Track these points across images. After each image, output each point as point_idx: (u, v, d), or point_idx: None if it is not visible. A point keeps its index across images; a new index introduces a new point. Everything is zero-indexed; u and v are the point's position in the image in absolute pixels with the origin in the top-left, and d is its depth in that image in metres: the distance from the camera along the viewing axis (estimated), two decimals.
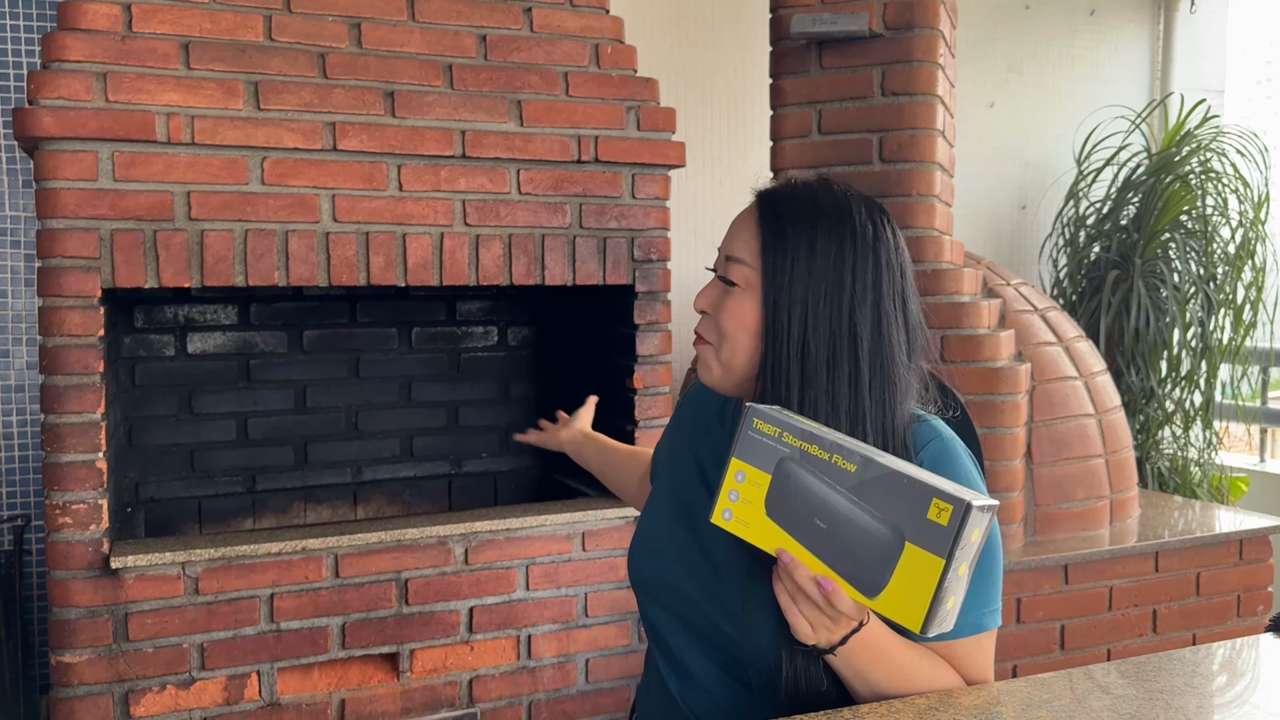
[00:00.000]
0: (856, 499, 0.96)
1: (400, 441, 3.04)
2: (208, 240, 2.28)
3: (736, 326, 1.21)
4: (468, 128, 2.50)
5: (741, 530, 1.00)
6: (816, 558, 0.97)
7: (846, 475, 0.96)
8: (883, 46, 2.77)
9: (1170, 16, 4.71)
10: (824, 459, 0.97)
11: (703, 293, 1.27)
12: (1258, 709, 1.12)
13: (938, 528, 0.92)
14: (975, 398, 2.69)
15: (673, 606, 1.29)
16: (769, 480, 0.99)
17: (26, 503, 3.00)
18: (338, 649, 2.39)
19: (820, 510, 0.97)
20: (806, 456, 0.98)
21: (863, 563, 0.95)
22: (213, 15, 2.34)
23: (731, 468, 1.01)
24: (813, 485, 0.97)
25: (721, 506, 1.02)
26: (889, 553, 0.94)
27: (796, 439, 0.98)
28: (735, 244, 1.24)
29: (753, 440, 1.00)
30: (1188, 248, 4.19)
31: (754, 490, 0.99)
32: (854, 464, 0.96)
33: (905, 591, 0.94)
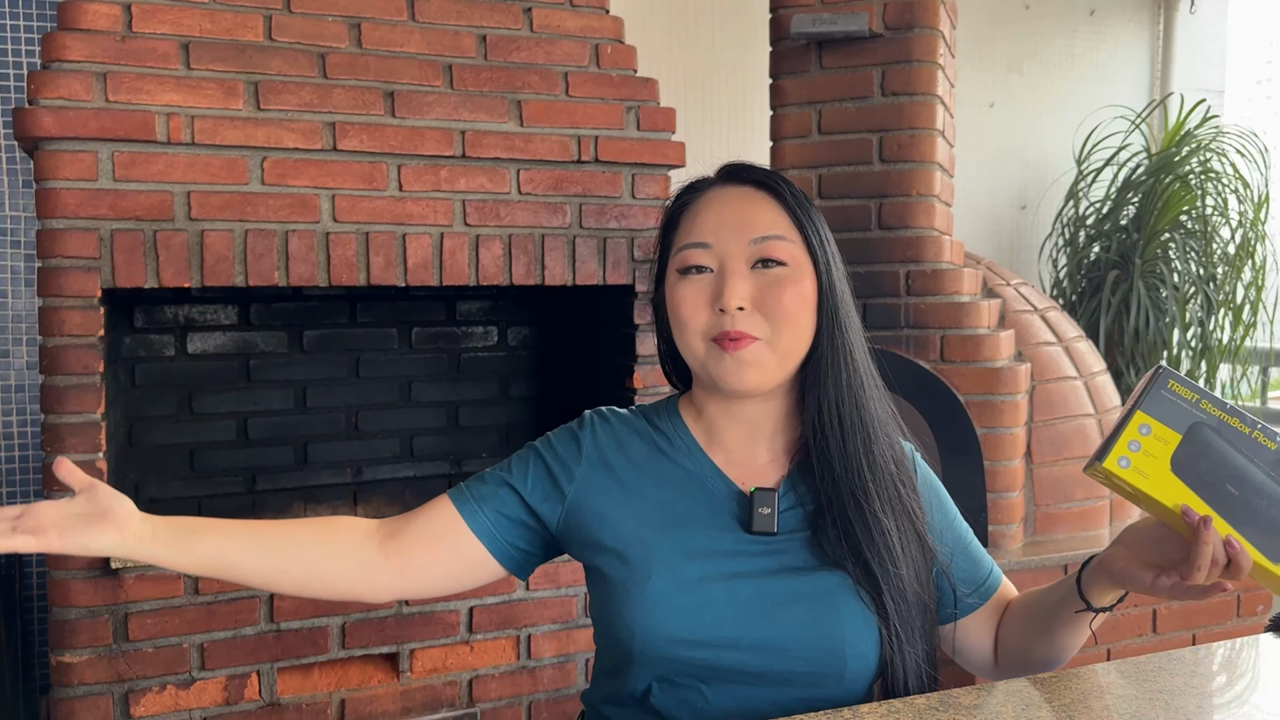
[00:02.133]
0: (1273, 473, 1.01)
1: (400, 441, 3.03)
2: (208, 240, 2.28)
3: (800, 306, 1.15)
4: (468, 128, 2.50)
5: (1137, 479, 1.02)
6: (1223, 519, 1.01)
7: (1266, 451, 1.01)
8: (883, 46, 2.77)
9: (1170, 16, 4.71)
10: (1244, 433, 1.01)
11: (733, 289, 1.14)
12: (1258, 709, 1.12)
13: None
14: (975, 398, 2.69)
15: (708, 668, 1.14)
16: (1178, 439, 1.01)
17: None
18: (338, 649, 2.39)
19: (1234, 478, 1.01)
20: (1225, 427, 1.01)
21: (1271, 533, 1.01)
22: (213, 15, 2.34)
23: (1135, 420, 1.03)
24: (1229, 453, 1.01)
25: (1119, 454, 1.03)
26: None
27: (1217, 409, 1.02)
28: (760, 223, 1.16)
29: (1164, 399, 1.02)
30: (1188, 248, 4.19)
31: (1159, 445, 1.02)
32: (1274, 441, 1.01)
33: None
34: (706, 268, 1.16)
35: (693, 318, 1.16)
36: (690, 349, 1.18)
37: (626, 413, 1.29)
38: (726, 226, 1.17)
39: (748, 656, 1.13)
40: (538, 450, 1.26)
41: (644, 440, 1.25)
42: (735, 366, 1.14)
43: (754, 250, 1.16)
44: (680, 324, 1.17)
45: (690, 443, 1.24)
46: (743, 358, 1.14)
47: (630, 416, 1.28)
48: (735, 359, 1.14)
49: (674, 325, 1.19)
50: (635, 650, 1.13)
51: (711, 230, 1.17)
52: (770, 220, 1.17)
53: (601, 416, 1.28)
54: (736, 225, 1.16)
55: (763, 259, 1.15)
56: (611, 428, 1.26)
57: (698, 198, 1.22)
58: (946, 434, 2.70)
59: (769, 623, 1.13)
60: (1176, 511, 1.02)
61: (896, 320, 2.76)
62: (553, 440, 1.27)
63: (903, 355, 2.74)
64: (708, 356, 1.16)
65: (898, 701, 1.11)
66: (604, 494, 1.21)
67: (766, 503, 1.17)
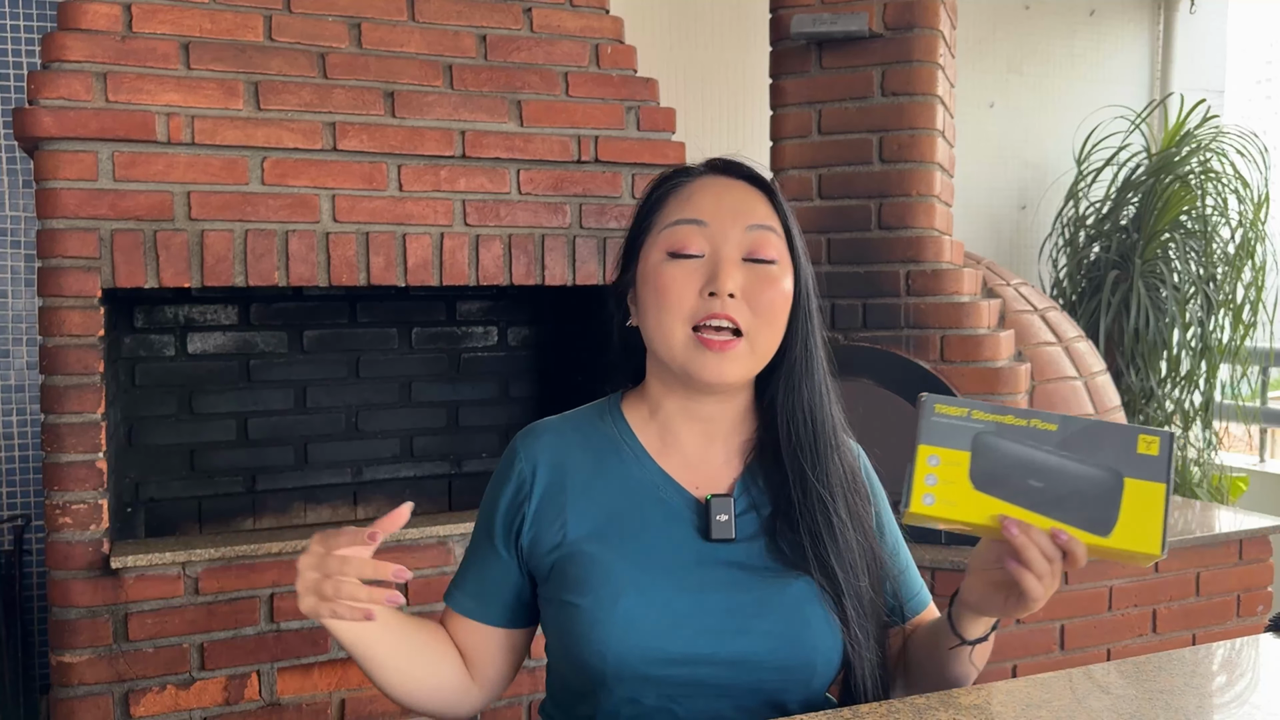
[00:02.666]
0: (1065, 454, 1.01)
1: (400, 441, 3.03)
2: (208, 240, 2.28)
3: (783, 306, 1.15)
4: (468, 128, 2.50)
5: (949, 510, 1.01)
6: (1040, 515, 1.01)
7: (1049, 435, 1.01)
8: (883, 46, 2.77)
9: (1170, 16, 4.71)
10: (1023, 425, 1.01)
11: (728, 274, 1.11)
12: (1258, 709, 1.12)
13: (1150, 459, 1.00)
14: (975, 397, 2.69)
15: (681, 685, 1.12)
16: (968, 456, 1.01)
17: (26, 503, 3.00)
18: (338, 649, 2.39)
19: (1033, 471, 1.01)
20: (1003, 428, 1.01)
21: (1089, 507, 1.00)
22: (213, 15, 2.34)
23: (920, 455, 1.01)
24: (1019, 450, 1.01)
25: (920, 494, 1.01)
26: (1111, 492, 1.00)
27: (988, 414, 1.01)
28: (757, 213, 1.15)
29: (938, 424, 1.02)
30: (1187, 248, 4.19)
31: (954, 470, 1.01)
32: (1054, 423, 1.01)
33: (1136, 523, 1.00)
34: (696, 255, 1.13)
35: (680, 301, 1.12)
36: (668, 334, 1.13)
37: (560, 422, 1.24)
38: (724, 210, 1.15)
39: (721, 671, 1.11)
40: (488, 512, 1.23)
41: (585, 450, 1.20)
42: (717, 362, 1.12)
43: (748, 239, 1.14)
44: (664, 306, 1.13)
45: (638, 449, 1.20)
46: (725, 355, 1.12)
47: (565, 426, 1.23)
48: (718, 355, 1.11)
49: (653, 307, 1.14)
50: (608, 674, 1.10)
51: (710, 210, 1.15)
52: (765, 212, 1.17)
53: (532, 436, 1.23)
54: (734, 210, 1.15)
55: (753, 255, 1.14)
56: (545, 446, 1.21)
57: (689, 181, 1.20)
58: None
59: (743, 637, 1.11)
60: (997, 526, 1.01)
61: (896, 320, 2.76)
62: (496, 492, 1.22)
63: (903, 355, 2.74)
64: (687, 345, 1.12)
65: (897, 702, 1.11)
66: (554, 521, 1.17)
67: (723, 509, 1.15)
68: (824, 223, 2.87)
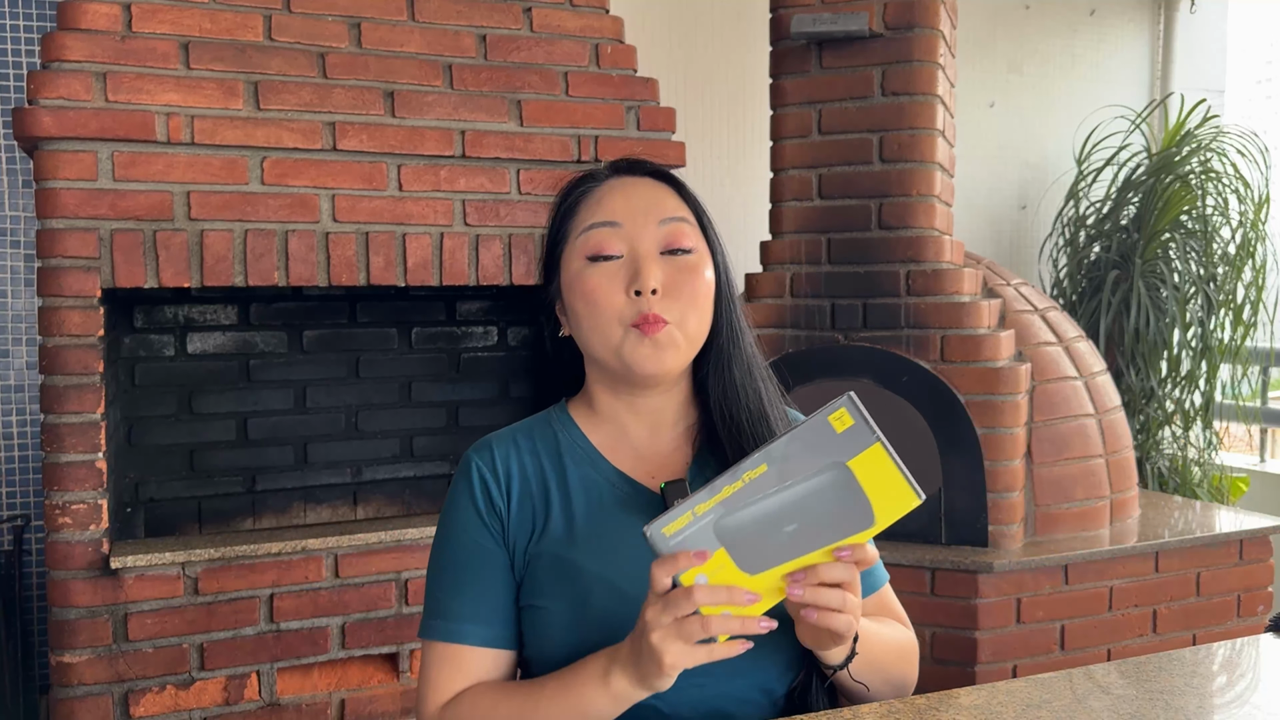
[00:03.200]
0: (789, 483, 0.97)
1: (400, 441, 3.03)
2: (207, 240, 2.28)
3: (706, 293, 1.16)
4: (468, 128, 2.50)
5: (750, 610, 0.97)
6: (815, 550, 0.98)
7: (766, 477, 0.97)
8: (883, 46, 2.77)
9: (1170, 16, 4.71)
10: (741, 487, 0.97)
11: (650, 271, 1.12)
12: (1258, 709, 1.12)
13: (851, 430, 0.98)
14: (975, 398, 2.68)
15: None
16: (725, 553, 0.96)
17: (26, 503, 3.00)
18: (338, 649, 2.39)
19: (781, 519, 0.97)
20: (728, 502, 0.97)
21: (844, 512, 0.98)
22: (212, 15, 2.34)
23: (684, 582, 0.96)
24: (756, 512, 0.97)
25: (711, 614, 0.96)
26: (850, 485, 0.98)
27: (709, 500, 0.97)
28: (667, 206, 1.17)
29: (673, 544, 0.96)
30: (1188, 248, 4.19)
31: (724, 573, 0.96)
32: (763, 464, 0.97)
33: (884, 492, 0.98)
34: (615, 255, 1.14)
35: (609, 303, 1.13)
36: (604, 335, 1.14)
37: (510, 434, 1.23)
38: (636, 209, 1.16)
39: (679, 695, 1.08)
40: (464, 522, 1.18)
41: (535, 457, 1.20)
42: (654, 350, 1.12)
43: (663, 233, 1.15)
44: (595, 310, 1.13)
45: (590, 450, 1.20)
46: (660, 340, 1.12)
47: (516, 437, 1.23)
48: (653, 342, 1.12)
49: (585, 313, 1.15)
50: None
51: (621, 210, 1.16)
52: (675, 205, 1.18)
53: (483, 448, 1.21)
54: (645, 208, 1.16)
55: (670, 247, 1.15)
56: (498, 457, 1.20)
57: (596, 185, 1.20)
58: (946, 434, 2.70)
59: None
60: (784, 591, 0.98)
61: (896, 320, 2.76)
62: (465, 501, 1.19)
63: (903, 355, 2.74)
64: (624, 342, 1.13)
65: (898, 702, 1.11)
66: (521, 526, 1.17)
67: (679, 493, 1.14)
68: (824, 223, 2.86)
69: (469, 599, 1.16)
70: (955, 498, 2.71)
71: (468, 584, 1.17)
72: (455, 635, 1.15)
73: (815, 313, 2.85)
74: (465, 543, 1.18)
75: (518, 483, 1.18)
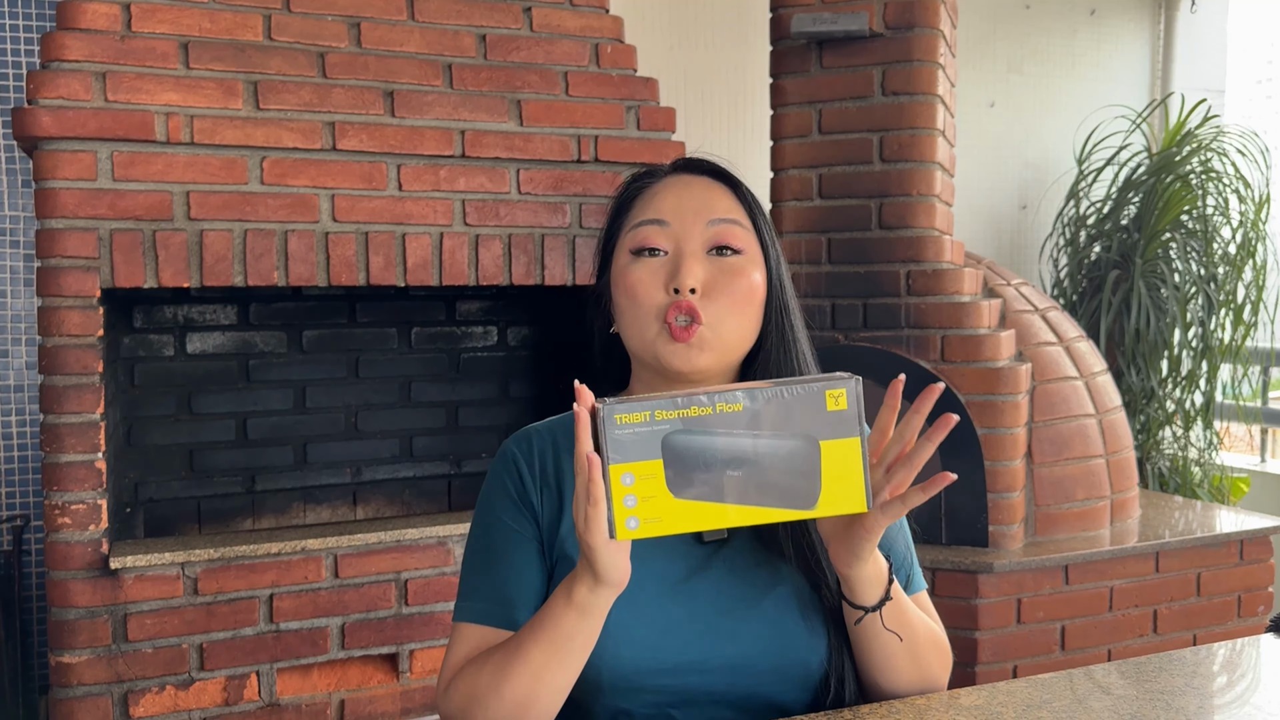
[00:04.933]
0: (756, 432, 0.95)
1: (400, 441, 3.03)
2: (207, 240, 2.28)
3: (750, 296, 1.14)
4: (467, 127, 2.50)
5: (655, 528, 0.94)
6: (745, 505, 0.95)
7: (737, 416, 0.94)
8: (883, 46, 2.77)
9: (1171, 16, 4.71)
10: (708, 414, 0.94)
11: (690, 269, 1.12)
12: (1258, 709, 1.12)
13: (841, 414, 0.95)
14: (975, 398, 2.68)
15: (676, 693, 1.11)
16: (660, 465, 0.93)
17: (26, 503, 3.00)
18: (337, 649, 2.39)
19: (728, 461, 0.94)
20: (689, 421, 0.94)
21: (791, 483, 0.95)
22: (212, 15, 2.34)
23: (613, 475, 0.93)
24: (709, 443, 0.94)
25: (621, 518, 0.93)
26: (810, 461, 0.95)
27: (671, 410, 0.94)
28: (719, 207, 1.16)
29: (621, 438, 0.93)
30: (1188, 248, 4.19)
31: (651, 484, 0.93)
32: (739, 403, 0.94)
33: (838, 485, 0.95)
34: (661, 250, 1.14)
35: (648, 298, 1.13)
36: (641, 328, 1.14)
37: (549, 427, 1.23)
38: (686, 208, 1.15)
39: (713, 678, 1.10)
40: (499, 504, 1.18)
41: (571, 454, 1.17)
42: (685, 350, 1.12)
43: (711, 233, 1.14)
44: (634, 303, 1.14)
45: None
46: (693, 340, 1.11)
47: (555, 429, 1.22)
48: (685, 346, 1.12)
49: (625, 306, 1.15)
50: (603, 686, 1.09)
51: (671, 210, 1.15)
52: (728, 206, 1.17)
53: (523, 438, 1.21)
54: (695, 207, 1.15)
55: (719, 245, 1.14)
56: (536, 448, 1.20)
57: (653, 182, 1.20)
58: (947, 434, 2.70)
59: (733, 641, 1.10)
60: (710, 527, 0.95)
61: (896, 320, 2.76)
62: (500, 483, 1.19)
63: (903, 355, 2.74)
64: (658, 338, 1.13)
65: (898, 703, 1.11)
66: (554, 523, 1.17)
67: None
68: (824, 222, 2.86)
69: (495, 582, 1.15)
70: (955, 498, 2.71)
71: (494, 567, 1.17)
72: (477, 615, 1.15)
73: (815, 313, 2.85)
74: (496, 527, 1.17)
75: (552, 476, 1.18)
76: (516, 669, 1.05)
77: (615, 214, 1.22)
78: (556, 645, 1.03)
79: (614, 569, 0.97)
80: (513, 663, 1.05)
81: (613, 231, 1.22)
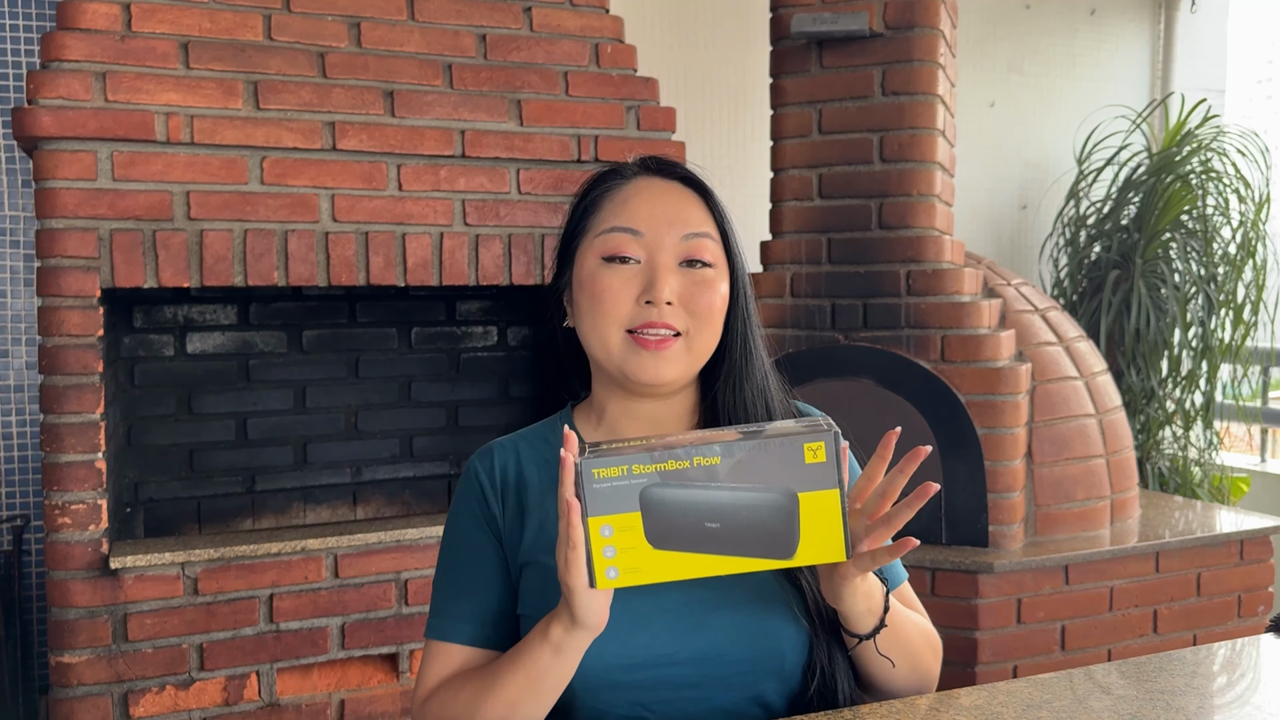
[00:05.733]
0: (734, 485, 0.96)
1: (400, 441, 3.03)
2: (207, 240, 2.28)
3: (720, 308, 1.15)
4: (467, 127, 2.50)
5: (634, 578, 0.96)
6: (722, 556, 0.96)
7: (714, 469, 0.95)
8: (883, 46, 2.77)
9: (1171, 16, 4.71)
10: (685, 467, 0.96)
11: (665, 283, 1.12)
12: (1258, 709, 1.12)
13: (819, 466, 0.95)
14: (975, 398, 2.68)
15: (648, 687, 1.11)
16: (639, 517, 0.95)
17: (26, 503, 3.00)
18: (337, 649, 2.39)
19: (706, 513, 0.96)
20: (666, 474, 0.95)
21: (769, 534, 0.96)
22: (212, 15, 2.34)
23: (592, 528, 0.95)
24: (687, 496, 0.96)
25: (601, 568, 0.95)
26: (789, 513, 0.96)
27: (647, 465, 0.95)
28: (692, 219, 1.15)
29: (600, 491, 0.95)
30: (1188, 248, 4.19)
31: (629, 535, 0.95)
32: (715, 456, 0.96)
33: (817, 535, 0.96)
34: (633, 259, 1.13)
35: (615, 307, 1.12)
36: (604, 339, 1.14)
37: (512, 441, 1.23)
38: (660, 218, 1.14)
39: (686, 669, 1.10)
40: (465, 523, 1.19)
41: (534, 464, 1.20)
42: (653, 361, 1.12)
43: (684, 247, 1.14)
44: (599, 312, 1.13)
45: None
46: (664, 355, 1.12)
47: (519, 443, 1.23)
48: (654, 355, 1.12)
49: (589, 311, 1.14)
50: (575, 686, 1.09)
51: (644, 219, 1.14)
52: (700, 218, 1.16)
53: (485, 454, 1.22)
54: (670, 219, 1.14)
55: (690, 258, 1.14)
56: (498, 463, 1.20)
57: (623, 184, 1.18)
58: (946, 434, 2.70)
59: (703, 632, 1.11)
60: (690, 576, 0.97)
61: (896, 320, 2.76)
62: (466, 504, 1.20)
63: (903, 355, 2.74)
64: (623, 349, 1.13)
65: (898, 702, 1.11)
66: (516, 534, 1.17)
67: None
68: (824, 222, 2.86)
69: (461, 599, 1.18)
70: (955, 498, 2.71)
71: (461, 584, 1.19)
72: (446, 633, 1.17)
73: (815, 313, 2.85)
74: (461, 545, 1.20)
75: (513, 490, 1.19)
76: (491, 699, 1.07)
77: (581, 213, 1.20)
78: (531, 680, 1.05)
79: (591, 613, 0.99)
80: (488, 692, 1.08)
81: (578, 230, 1.20)
